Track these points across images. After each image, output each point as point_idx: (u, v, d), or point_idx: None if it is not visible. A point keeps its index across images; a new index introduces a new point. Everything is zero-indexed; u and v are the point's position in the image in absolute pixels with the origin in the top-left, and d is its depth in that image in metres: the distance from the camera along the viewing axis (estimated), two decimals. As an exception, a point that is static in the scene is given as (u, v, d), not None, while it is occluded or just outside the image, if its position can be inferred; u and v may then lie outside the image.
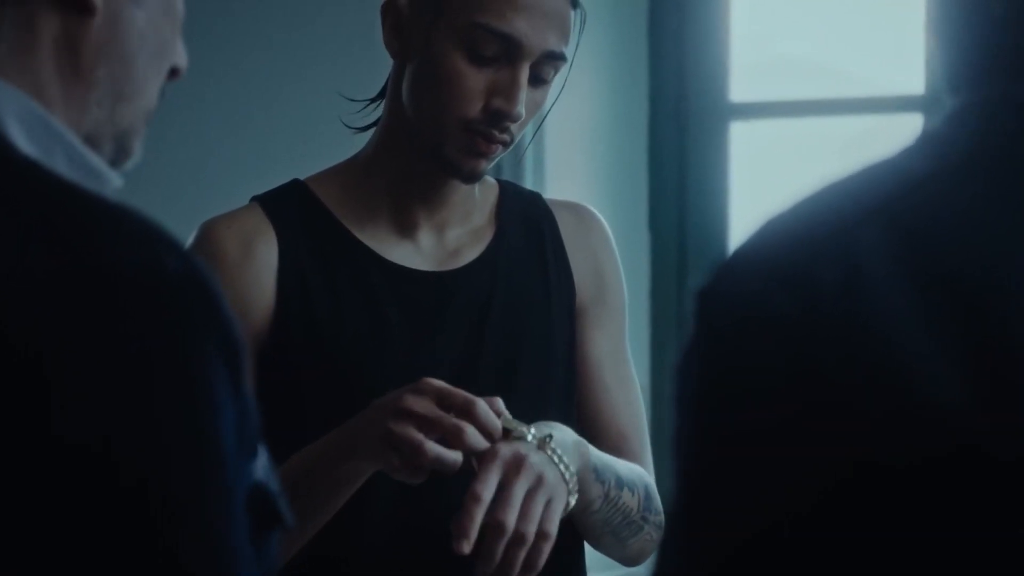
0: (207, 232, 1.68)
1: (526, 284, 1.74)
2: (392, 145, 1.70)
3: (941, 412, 0.75)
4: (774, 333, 0.78)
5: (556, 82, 1.70)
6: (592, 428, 1.73)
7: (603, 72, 2.88)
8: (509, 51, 1.61)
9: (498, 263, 1.73)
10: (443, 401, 1.51)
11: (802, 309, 0.78)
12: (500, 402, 1.54)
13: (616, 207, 2.90)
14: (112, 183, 0.99)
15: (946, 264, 0.78)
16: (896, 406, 0.76)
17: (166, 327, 0.86)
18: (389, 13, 1.67)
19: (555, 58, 1.65)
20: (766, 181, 3.00)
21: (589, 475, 1.60)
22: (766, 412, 0.78)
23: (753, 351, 0.79)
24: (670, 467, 0.84)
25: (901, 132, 2.93)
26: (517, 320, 1.72)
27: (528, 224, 1.77)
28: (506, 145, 1.65)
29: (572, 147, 2.86)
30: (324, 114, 1.88)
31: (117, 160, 1.02)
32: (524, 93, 1.62)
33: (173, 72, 1.05)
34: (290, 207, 1.71)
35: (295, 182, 1.74)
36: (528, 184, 2.55)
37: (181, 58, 1.05)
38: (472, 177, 1.67)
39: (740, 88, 2.98)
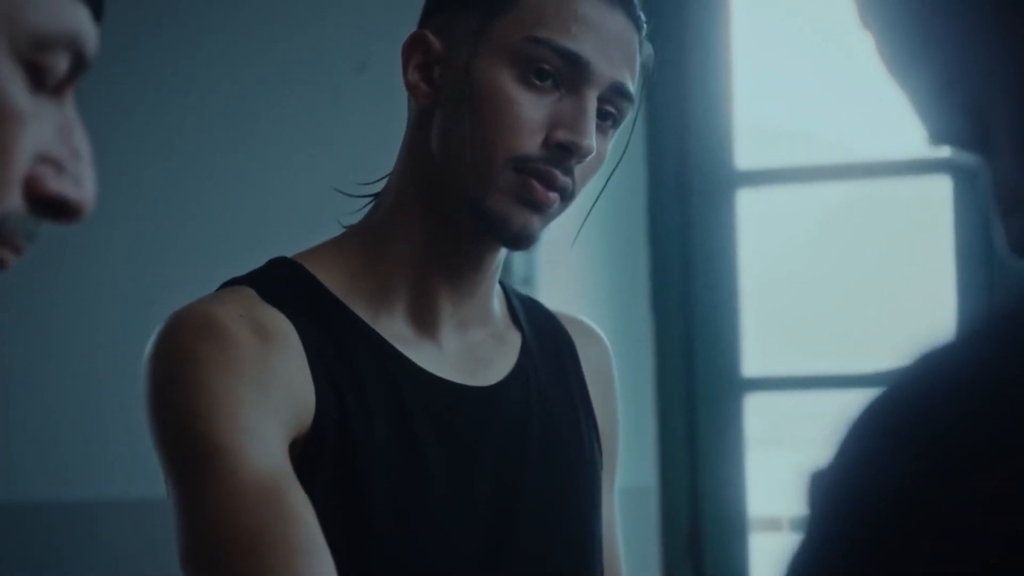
0: (203, 319, 1.29)
1: (557, 409, 1.46)
2: (410, 217, 1.38)
3: None
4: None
5: None
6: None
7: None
8: (573, 74, 1.33)
9: (529, 381, 1.45)
10: None
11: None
12: None
13: (615, 285, 2.69)
14: None
15: None
16: None
17: None
18: (415, 50, 1.39)
19: (624, 96, 1.36)
20: (777, 253, 2.77)
21: None
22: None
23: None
24: None
25: (924, 196, 2.70)
26: (553, 451, 1.44)
27: (542, 337, 1.49)
28: (564, 197, 1.34)
29: (564, 220, 2.64)
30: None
31: None
32: (594, 125, 1.33)
33: None
34: (289, 291, 1.35)
35: (283, 261, 1.39)
36: (517, 259, 2.33)
37: None
38: (523, 238, 1.34)
39: (745, 155, 2.76)
